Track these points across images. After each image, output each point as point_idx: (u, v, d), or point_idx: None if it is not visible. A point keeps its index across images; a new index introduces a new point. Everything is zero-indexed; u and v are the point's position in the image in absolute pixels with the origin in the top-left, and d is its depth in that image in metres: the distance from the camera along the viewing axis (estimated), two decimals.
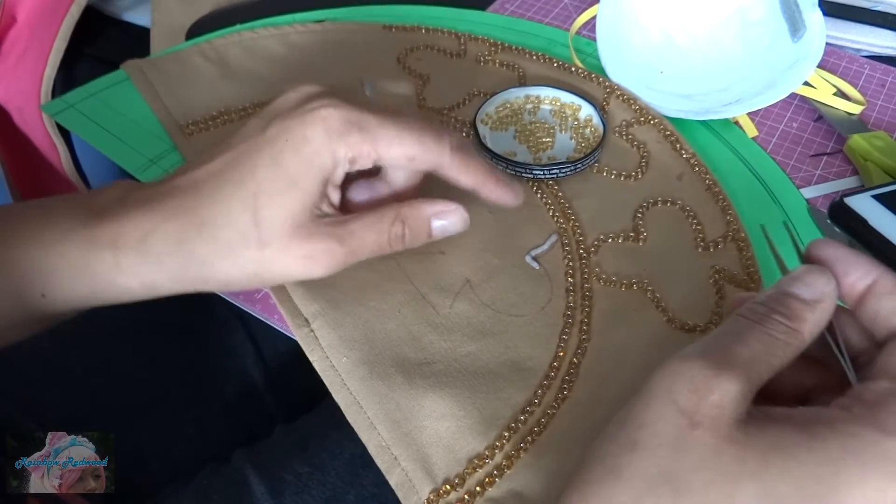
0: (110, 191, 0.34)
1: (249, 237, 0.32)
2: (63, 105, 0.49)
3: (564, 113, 0.48)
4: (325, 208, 0.34)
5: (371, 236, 0.34)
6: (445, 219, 0.35)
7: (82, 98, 0.50)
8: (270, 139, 0.32)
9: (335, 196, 0.34)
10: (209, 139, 0.46)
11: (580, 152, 0.45)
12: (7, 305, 0.33)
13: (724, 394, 0.22)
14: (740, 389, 0.22)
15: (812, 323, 0.24)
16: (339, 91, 0.34)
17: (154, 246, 0.32)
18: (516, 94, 0.48)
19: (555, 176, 0.43)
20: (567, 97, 0.48)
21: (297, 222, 0.32)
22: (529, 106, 0.48)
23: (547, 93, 0.48)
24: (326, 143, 0.31)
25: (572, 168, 0.43)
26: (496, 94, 0.48)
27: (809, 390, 0.27)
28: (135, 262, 0.32)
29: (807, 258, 0.27)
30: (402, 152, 0.33)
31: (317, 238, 0.32)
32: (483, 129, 0.46)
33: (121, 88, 0.50)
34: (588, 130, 0.46)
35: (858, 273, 0.25)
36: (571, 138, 0.46)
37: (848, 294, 0.25)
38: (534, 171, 0.43)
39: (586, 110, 0.47)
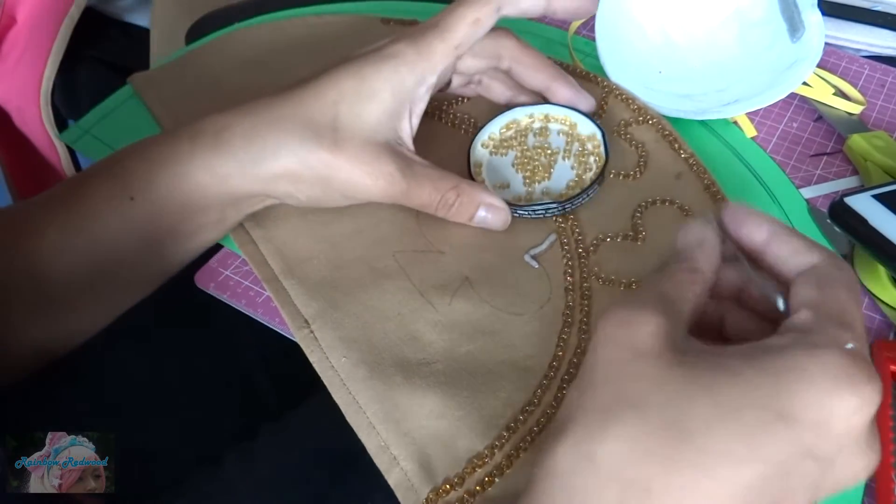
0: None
1: (324, 137, 0.35)
2: (79, 132, 0.50)
3: (572, 135, 0.45)
4: (403, 135, 0.38)
5: (427, 189, 0.37)
6: (490, 213, 0.39)
7: (97, 120, 0.50)
8: (351, 57, 0.37)
9: (407, 126, 0.38)
10: None
11: (576, 186, 0.42)
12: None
13: (654, 325, 0.24)
14: (666, 321, 0.24)
15: (704, 258, 0.27)
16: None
17: (228, 138, 0.35)
18: (526, 112, 0.45)
19: (540, 216, 0.41)
20: (581, 121, 0.45)
21: (371, 134, 0.36)
22: (537, 125, 0.45)
23: (558, 112, 0.45)
24: (408, 63, 0.37)
25: (560, 208, 0.41)
26: (502, 113, 0.45)
27: None
28: (209, 154, 0.35)
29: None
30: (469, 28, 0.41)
31: (384, 159, 0.36)
32: (482, 153, 0.44)
33: (133, 104, 0.50)
34: (592, 159, 0.44)
35: (750, 225, 0.28)
36: (572, 167, 0.44)
37: (750, 247, 0.28)
38: (518, 212, 0.41)
39: (596, 137, 0.44)
